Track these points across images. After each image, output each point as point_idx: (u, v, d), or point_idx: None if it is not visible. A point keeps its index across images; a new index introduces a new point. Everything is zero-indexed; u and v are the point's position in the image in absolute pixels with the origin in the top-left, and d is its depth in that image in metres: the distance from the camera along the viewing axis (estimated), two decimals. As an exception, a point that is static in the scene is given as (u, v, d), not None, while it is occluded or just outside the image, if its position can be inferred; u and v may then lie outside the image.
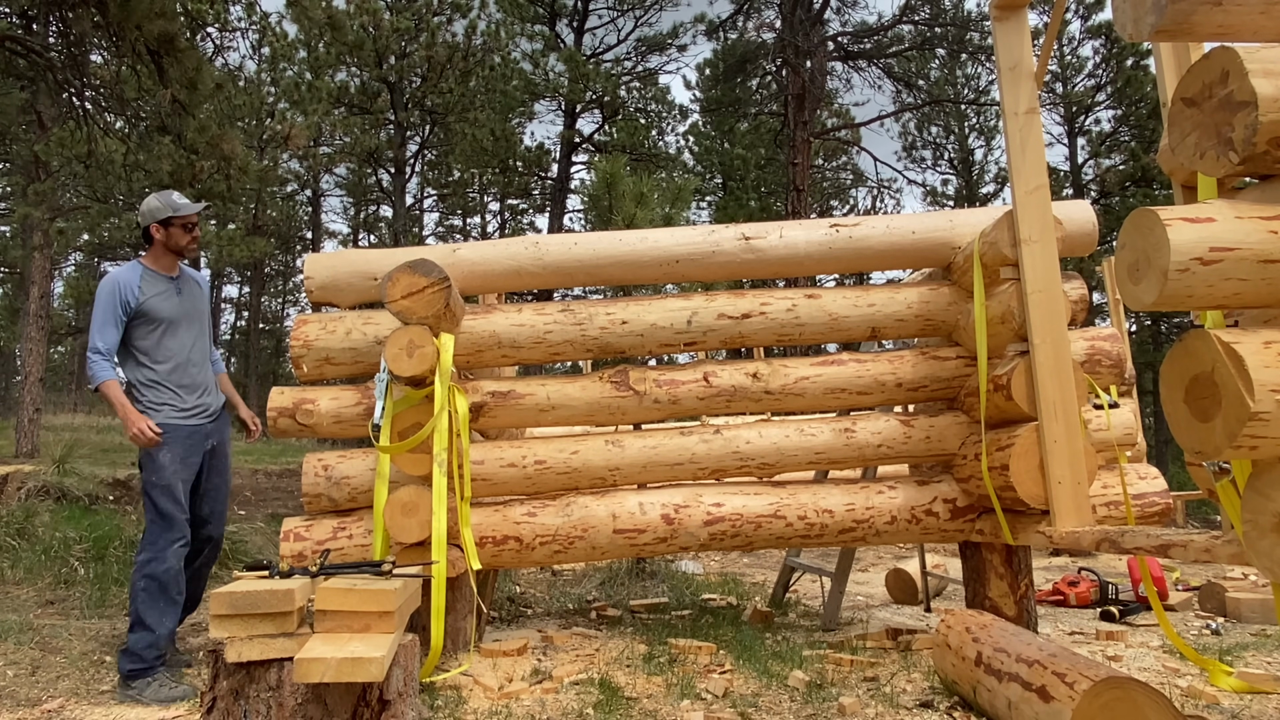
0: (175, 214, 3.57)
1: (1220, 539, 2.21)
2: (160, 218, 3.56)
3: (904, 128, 27.53)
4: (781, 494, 3.74)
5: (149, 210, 3.59)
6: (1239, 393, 1.43)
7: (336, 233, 31.05)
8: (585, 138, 22.59)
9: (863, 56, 19.61)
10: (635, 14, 22.31)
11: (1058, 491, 3.14)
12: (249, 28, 13.30)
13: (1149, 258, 1.55)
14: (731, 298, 3.89)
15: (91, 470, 8.50)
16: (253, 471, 10.29)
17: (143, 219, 3.61)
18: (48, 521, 6.40)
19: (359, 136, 19.57)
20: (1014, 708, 2.45)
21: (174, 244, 3.62)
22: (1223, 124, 1.52)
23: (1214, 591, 4.86)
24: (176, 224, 3.59)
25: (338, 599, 2.21)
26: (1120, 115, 22.40)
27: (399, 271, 3.42)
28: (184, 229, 3.62)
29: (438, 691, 3.08)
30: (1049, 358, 3.21)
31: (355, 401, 3.75)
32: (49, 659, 3.69)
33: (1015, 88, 3.29)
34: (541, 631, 4.17)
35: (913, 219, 3.98)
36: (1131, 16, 1.61)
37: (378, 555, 3.41)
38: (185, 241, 3.63)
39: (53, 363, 29.51)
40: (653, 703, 2.97)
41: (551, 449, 3.75)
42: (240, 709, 2.12)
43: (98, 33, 8.64)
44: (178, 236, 3.60)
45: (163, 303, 3.57)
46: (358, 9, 16.40)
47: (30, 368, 10.26)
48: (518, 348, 3.83)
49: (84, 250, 26.02)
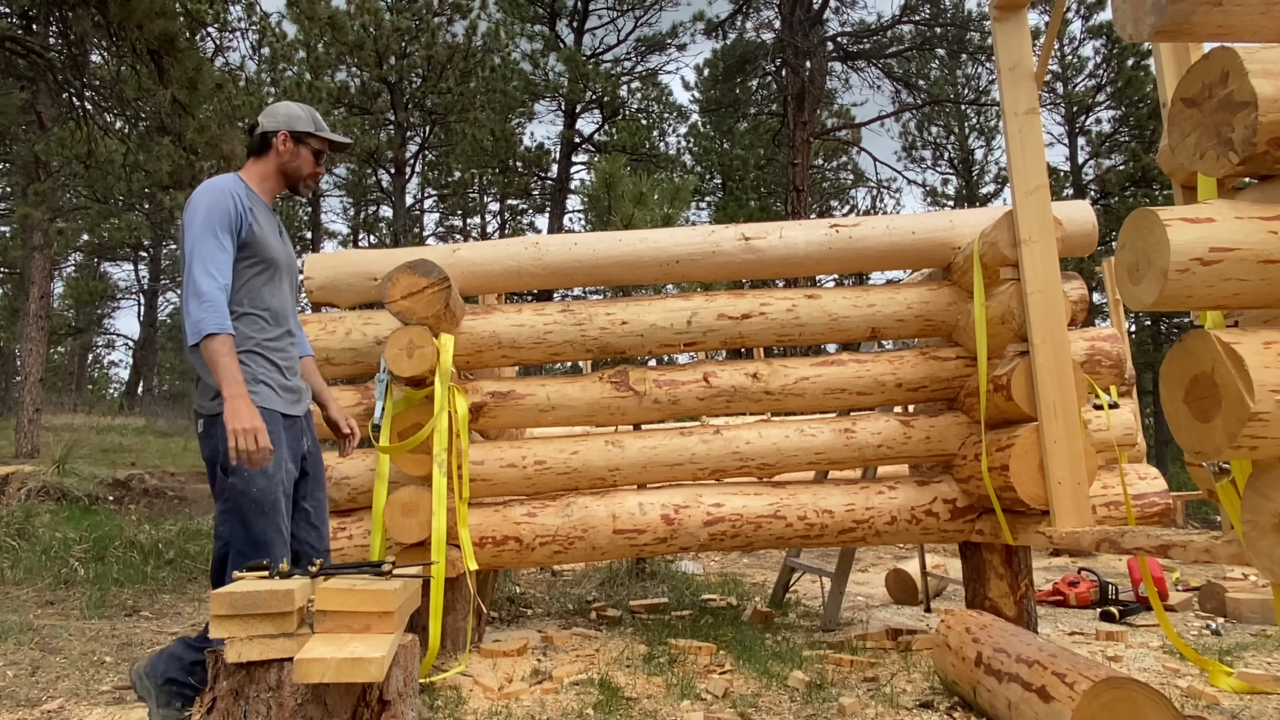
0: (318, 132, 2.69)
1: (1220, 539, 2.21)
2: (297, 128, 2.66)
3: (904, 128, 27.54)
4: (781, 494, 3.74)
5: (287, 115, 2.67)
6: (1239, 393, 1.43)
7: (336, 233, 31.02)
8: (585, 138, 22.60)
9: (862, 56, 19.62)
10: (635, 14, 22.34)
11: (1058, 492, 3.14)
12: (249, 28, 13.31)
13: (1149, 258, 1.55)
14: (731, 298, 3.89)
15: (91, 470, 8.51)
16: (253, 471, 10.28)
17: (269, 121, 2.66)
18: (48, 522, 6.40)
19: (359, 136, 19.57)
20: (1014, 708, 2.45)
21: (296, 168, 2.68)
22: (1223, 124, 1.52)
23: (1214, 592, 4.86)
24: (312, 145, 2.69)
25: (338, 599, 2.21)
26: (1120, 115, 22.40)
27: (399, 272, 3.42)
28: (315, 157, 2.71)
29: (438, 692, 3.08)
30: (1049, 358, 3.21)
31: (355, 401, 3.75)
32: (49, 659, 3.69)
33: (1015, 88, 3.29)
34: (541, 632, 4.17)
35: (912, 219, 3.98)
36: (1131, 16, 1.61)
37: (377, 555, 3.41)
38: (309, 172, 2.71)
39: (53, 363, 29.52)
40: (653, 703, 2.97)
41: (551, 449, 3.75)
42: (240, 709, 2.12)
43: (98, 33, 8.64)
44: (306, 162, 2.69)
45: (273, 238, 2.62)
46: (358, 9, 16.41)
47: (30, 368, 10.26)
48: (518, 348, 3.83)
49: (84, 250, 26.04)
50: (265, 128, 2.66)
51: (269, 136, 2.66)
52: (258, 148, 2.68)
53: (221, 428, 2.32)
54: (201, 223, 2.40)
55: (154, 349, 29.22)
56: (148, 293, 29.42)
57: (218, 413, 2.36)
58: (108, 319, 33.48)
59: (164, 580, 5.62)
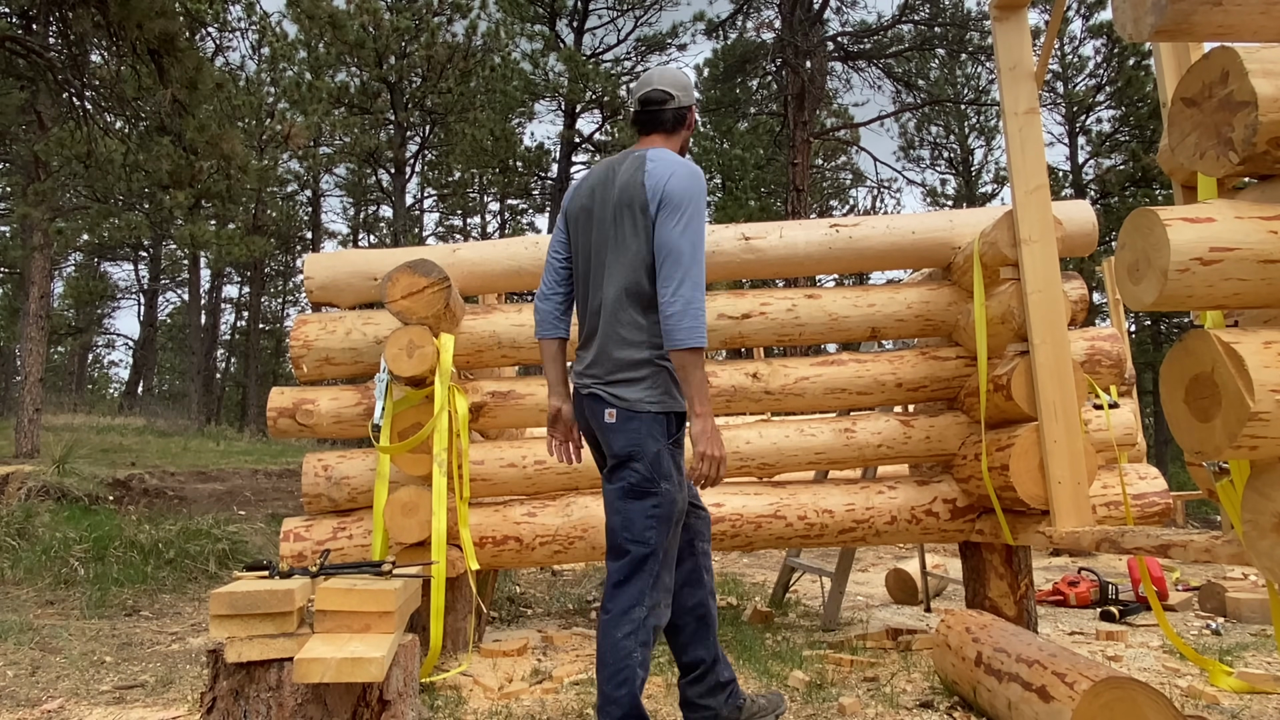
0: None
1: (1220, 539, 2.21)
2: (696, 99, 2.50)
3: (903, 128, 27.55)
4: (781, 494, 3.74)
5: (689, 87, 2.47)
6: (1239, 393, 1.43)
7: (336, 233, 31.05)
8: (585, 138, 22.60)
9: (862, 56, 19.61)
10: (635, 14, 22.35)
11: (1058, 491, 3.14)
12: (249, 28, 13.32)
13: (1149, 258, 1.55)
14: (731, 298, 3.89)
15: (91, 470, 8.51)
16: (253, 471, 10.29)
17: (684, 95, 2.44)
18: (48, 521, 6.40)
19: (359, 136, 19.59)
20: (1014, 708, 2.45)
21: (688, 140, 2.54)
22: (1223, 124, 1.52)
23: (1214, 591, 4.86)
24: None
25: (338, 599, 2.21)
26: (1120, 115, 22.39)
27: (399, 271, 3.42)
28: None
29: (438, 691, 3.08)
30: (1049, 358, 3.21)
31: (355, 401, 3.75)
32: (49, 659, 3.69)
33: (1015, 88, 3.29)
34: (541, 631, 4.17)
35: (912, 219, 3.98)
36: (1131, 16, 1.61)
37: (377, 555, 3.41)
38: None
39: (53, 363, 29.54)
40: (653, 703, 2.97)
41: (551, 449, 3.75)
42: (240, 709, 2.12)
43: (98, 32, 8.65)
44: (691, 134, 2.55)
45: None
46: (358, 9, 16.41)
47: (30, 368, 10.26)
48: (518, 348, 3.82)
49: (84, 250, 26.04)
50: (681, 102, 2.42)
51: (684, 111, 2.44)
52: (671, 122, 2.43)
53: (647, 424, 2.27)
54: (698, 226, 2.27)
55: (154, 349, 29.22)
56: (148, 293, 29.41)
57: (646, 411, 2.28)
58: (108, 319, 33.53)
59: (164, 580, 5.62)
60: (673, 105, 2.42)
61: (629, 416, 2.27)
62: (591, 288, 2.41)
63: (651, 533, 2.24)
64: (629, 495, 2.27)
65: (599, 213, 2.39)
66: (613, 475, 2.32)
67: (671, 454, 2.31)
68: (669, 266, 2.21)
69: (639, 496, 2.25)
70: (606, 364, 2.33)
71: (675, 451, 2.33)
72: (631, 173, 2.33)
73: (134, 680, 3.44)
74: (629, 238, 2.30)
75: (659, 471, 2.25)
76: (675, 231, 2.22)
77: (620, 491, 2.28)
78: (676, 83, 2.44)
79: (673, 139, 2.46)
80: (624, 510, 2.27)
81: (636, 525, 2.25)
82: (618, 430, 2.28)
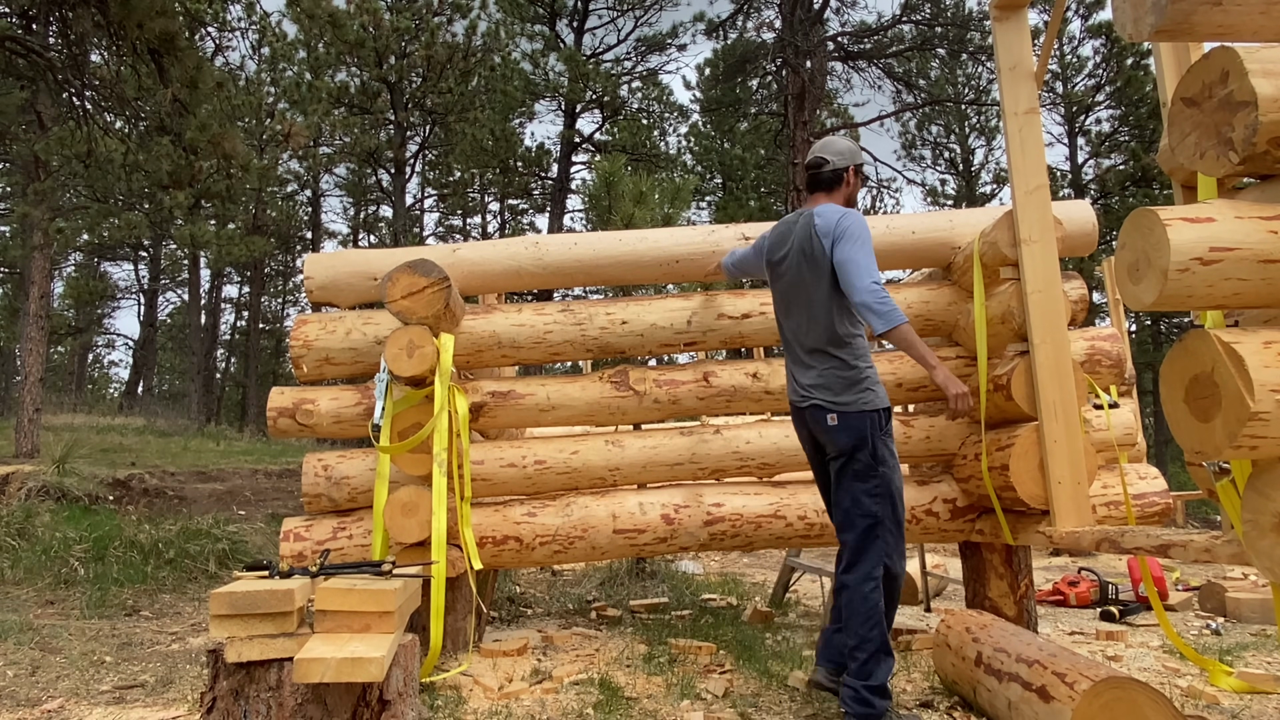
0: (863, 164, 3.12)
1: (1220, 539, 2.21)
2: (859, 161, 3.06)
3: (904, 128, 27.55)
4: (781, 494, 3.74)
5: (850, 150, 3.05)
6: (1239, 393, 1.43)
7: (336, 233, 31.04)
8: (585, 138, 22.61)
9: (863, 56, 19.62)
10: (635, 14, 22.34)
11: (1058, 491, 3.14)
12: (249, 28, 13.32)
13: (1149, 258, 1.55)
14: (731, 298, 3.89)
15: (91, 470, 8.51)
16: (252, 471, 10.29)
17: (839, 159, 3.01)
18: (48, 521, 6.40)
19: (359, 136, 19.59)
20: (1014, 708, 2.45)
21: (854, 194, 3.07)
22: (1223, 124, 1.52)
23: (1214, 591, 4.86)
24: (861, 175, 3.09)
25: (338, 599, 2.21)
26: (1120, 115, 22.40)
27: (399, 271, 3.42)
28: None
29: (438, 691, 3.08)
30: (1049, 358, 3.21)
31: (355, 401, 3.75)
32: (49, 659, 3.69)
33: (1015, 88, 3.29)
34: (541, 631, 4.17)
35: (912, 219, 3.98)
36: (1131, 16, 1.61)
37: (377, 555, 3.41)
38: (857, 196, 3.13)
39: (53, 363, 29.53)
40: (653, 703, 2.97)
41: (551, 449, 3.75)
42: (240, 709, 2.12)
43: (98, 32, 8.65)
44: (859, 187, 3.09)
45: None
46: (358, 9, 16.41)
47: (30, 368, 10.25)
48: (518, 348, 3.83)
49: (84, 250, 26.02)
50: (836, 165, 3.01)
51: (841, 172, 3.01)
52: (829, 182, 3.01)
53: (858, 420, 2.74)
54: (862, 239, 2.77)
55: (154, 349, 29.22)
56: (148, 292, 29.40)
57: (860, 411, 2.75)
58: (108, 319, 33.51)
59: (164, 580, 5.62)
60: (829, 168, 3.00)
61: (846, 416, 2.75)
62: (793, 328, 2.99)
63: (876, 506, 2.72)
64: (856, 479, 2.74)
65: (790, 260, 2.97)
66: (841, 467, 2.79)
67: (885, 442, 2.77)
68: (849, 272, 2.73)
69: (863, 479, 2.73)
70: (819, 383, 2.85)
71: (887, 440, 2.78)
72: (804, 230, 2.91)
73: (134, 680, 3.44)
74: (811, 286, 2.87)
75: (876, 457, 2.73)
76: (849, 248, 2.76)
77: (849, 476, 2.76)
78: (834, 149, 3.03)
79: (834, 195, 3.01)
80: (852, 490, 2.75)
81: (864, 502, 2.73)
82: (840, 429, 2.76)
